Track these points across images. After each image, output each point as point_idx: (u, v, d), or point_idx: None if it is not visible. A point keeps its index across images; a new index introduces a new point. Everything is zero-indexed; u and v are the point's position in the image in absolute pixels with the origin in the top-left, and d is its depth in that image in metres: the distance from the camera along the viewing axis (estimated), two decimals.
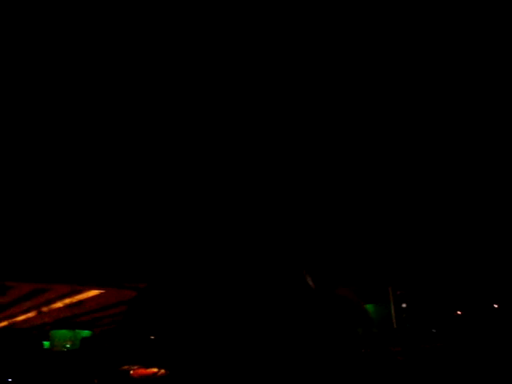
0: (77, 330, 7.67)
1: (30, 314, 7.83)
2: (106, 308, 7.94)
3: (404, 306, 6.65)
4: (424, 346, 6.07)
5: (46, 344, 7.28)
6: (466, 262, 6.78)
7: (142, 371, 6.13)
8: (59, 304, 7.74)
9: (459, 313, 6.55)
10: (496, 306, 6.58)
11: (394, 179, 5.81)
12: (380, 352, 5.60)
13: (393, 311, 6.87)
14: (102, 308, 7.93)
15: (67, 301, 7.69)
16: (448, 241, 6.58)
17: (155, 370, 6.12)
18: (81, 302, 7.70)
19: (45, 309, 7.62)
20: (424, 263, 6.75)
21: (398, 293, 6.76)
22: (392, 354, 5.63)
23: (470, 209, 6.11)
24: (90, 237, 6.62)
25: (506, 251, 6.42)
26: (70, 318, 8.24)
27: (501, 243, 6.39)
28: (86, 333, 7.41)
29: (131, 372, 6.01)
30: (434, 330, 6.67)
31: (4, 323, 8.06)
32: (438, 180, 5.63)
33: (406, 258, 6.69)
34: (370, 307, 7.17)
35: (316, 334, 4.23)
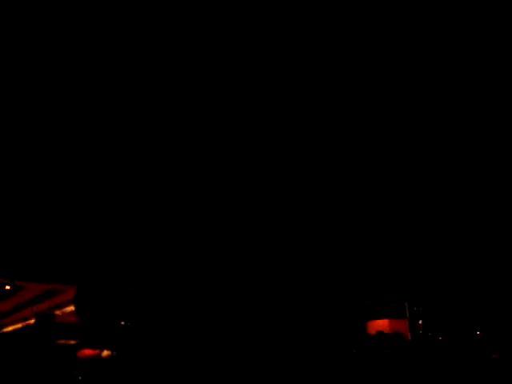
0: None
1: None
2: None
3: (420, 322, 6.71)
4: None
5: None
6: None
7: (88, 351, 6.23)
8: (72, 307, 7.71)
9: (478, 333, 6.64)
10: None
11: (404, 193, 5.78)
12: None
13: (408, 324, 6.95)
14: None
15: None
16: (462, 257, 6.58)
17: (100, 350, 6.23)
18: None
19: (58, 312, 7.61)
20: (439, 281, 6.78)
21: (414, 309, 6.81)
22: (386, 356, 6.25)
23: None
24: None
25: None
26: None
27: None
28: None
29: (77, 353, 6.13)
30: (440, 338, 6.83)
31: (18, 325, 8.09)
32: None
33: (422, 275, 6.72)
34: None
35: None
